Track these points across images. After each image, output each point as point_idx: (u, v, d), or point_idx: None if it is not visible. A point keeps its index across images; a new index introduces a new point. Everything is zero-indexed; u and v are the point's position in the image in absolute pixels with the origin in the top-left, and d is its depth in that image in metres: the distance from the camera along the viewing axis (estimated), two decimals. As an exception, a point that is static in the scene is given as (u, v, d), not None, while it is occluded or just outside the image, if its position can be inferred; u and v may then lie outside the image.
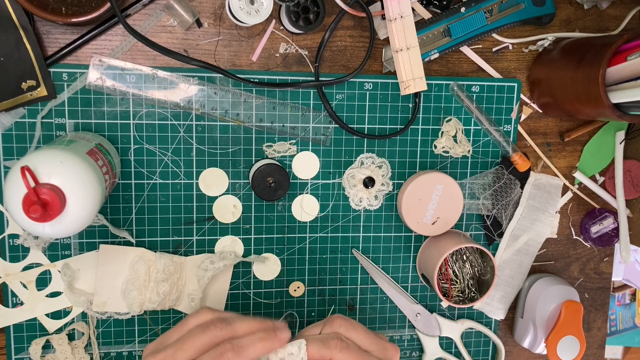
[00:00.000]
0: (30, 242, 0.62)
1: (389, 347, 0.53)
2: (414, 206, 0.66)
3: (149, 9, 0.60)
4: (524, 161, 0.69)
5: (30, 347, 0.63)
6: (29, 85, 0.58)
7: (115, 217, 0.63)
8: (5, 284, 0.62)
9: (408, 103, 0.67)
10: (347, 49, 0.65)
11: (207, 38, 0.62)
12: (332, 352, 0.49)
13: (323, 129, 0.66)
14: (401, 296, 0.71)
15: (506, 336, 0.77)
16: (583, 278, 0.78)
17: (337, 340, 0.50)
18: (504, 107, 0.70)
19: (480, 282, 0.70)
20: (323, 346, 0.49)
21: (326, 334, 0.51)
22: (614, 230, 0.74)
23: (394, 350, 0.53)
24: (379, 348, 0.52)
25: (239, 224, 0.66)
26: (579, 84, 0.61)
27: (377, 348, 0.52)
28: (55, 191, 0.46)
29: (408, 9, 0.62)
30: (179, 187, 0.64)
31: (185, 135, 0.63)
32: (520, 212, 0.72)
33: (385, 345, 0.53)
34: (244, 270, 0.67)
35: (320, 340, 0.50)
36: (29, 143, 0.60)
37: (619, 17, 0.71)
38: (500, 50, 0.69)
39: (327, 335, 0.51)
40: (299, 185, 0.67)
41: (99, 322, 0.65)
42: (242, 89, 0.63)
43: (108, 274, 0.63)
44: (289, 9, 0.60)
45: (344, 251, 0.70)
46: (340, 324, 0.52)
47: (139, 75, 0.61)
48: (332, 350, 0.49)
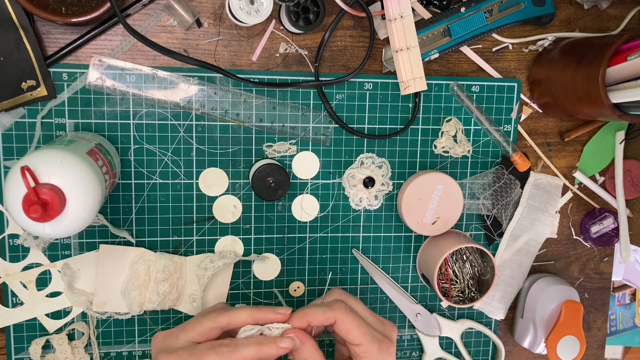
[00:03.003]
0: (30, 242, 0.62)
1: (387, 323, 0.54)
2: (414, 206, 0.66)
3: (149, 9, 0.60)
4: (524, 161, 0.69)
5: (30, 347, 0.63)
6: (29, 85, 0.58)
7: (115, 217, 0.63)
8: (5, 284, 0.62)
9: (408, 103, 0.67)
10: (347, 49, 0.65)
11: (207, 38, 0.62)
12: (335, 313, 0.50)
13: (323, 129, 0.66)
14: (401, 296, 0.71)
15: (506, 336, 0.77)
16: (583, 278, 0.78)
17: (341, 302, 0.51)
18: (504, 107, 0.70)
19: (480, 282, 0.70)
20: (327, 309, 0.50)
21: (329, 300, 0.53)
22: (614, 230, 0.74)
23: (391, 327, 0.54)
24: (378, 322, 0.53)
25: (239, 224, 0.66)
26: (579, 84, 0.61)
27: (375, 321, 0.53)
28: (55, 191, 0.46)
29: (408, 9, 0.62)
30: (179, 187, 0.64)
31: (185, 135, 0.63)
32: (520, 212, 0.72)
33: (383, 321, 0.54)
34: (244, 270, 0.67)
35: (324, 305, 0.51)
36: (29, 143, 0.60)
37: (619, 17, 0.71)
38: (500, 50, 0.69)
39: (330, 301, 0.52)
40: (299, 185, 0.67)
41: (99, 322, 0.65)
42: (242, 89, 0.63)
43: (108, 274, 0.63)
44: (289, 9, 0.60)
45: (344, 251, 0.70)
46: (340, 292, 0.54)
47: (139, 75, 0.61)
48: (336, 312, 0.50)
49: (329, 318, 0.50)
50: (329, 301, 0.52)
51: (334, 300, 0.52)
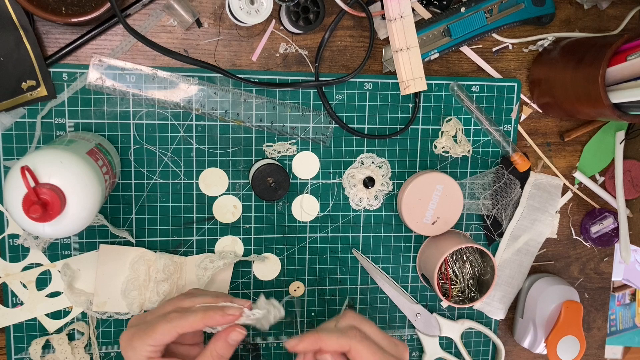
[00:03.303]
0: (30, 242, 0.62)
1: (399, 345, 0.54)
2: (414, 206, 0.66)
3: (149, 9, 0.60)
4: (524, 161, 0.69)
5: (30, 347, 0.63)
6: (29, 85, 0.58)
7: (115, 217, 0.63)
8: (5, 284, 0.62)
9: (408, 103, 0.67)
10: (347, 49, 0.65)
11: (207, 38, 0.62)
12: (351, 341, 0.50)
13: (323, 129, 0.66)
14: (401, 296, 0.71)
15: (506, 336, 0.77)
16: (583, 278, 0.78)
17: (356, 330, 0.51)
18: (504, 107, 0.70)
19: (480, 282, 0.70)
20: (342, 335, 0.50)
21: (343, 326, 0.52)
22: (614, 230, 0.74)
23: (403, 348, 0.55)
24: (391, 344, 0.53)
25: (239, 224, 0.66)
26: (579, 84, 0.61)
27: (388, 344, 0.53)
28: (55, 191, 0.46)
29: (408, 9, 0.62)
30: (179, 187, 0.64)
31: (185, 135, 0.63)
32: (520, 212, 0.72)
33: (395, 343, 0.54)
34: (244, 270, 0.67)
35: (338, 331, 0.51)
36: (29, 143, 0.60)
37: (619, 17, 0.71)
38: (500, 50, 0.69)
39: (344, 327, 0.52)
40: (299, 185, 0.67)
41: (99, 322, 0.65)
42: (242, 89, 0.63)
43: (108, 274, 0.63)
44: (289, 9, 0.60)
45: (344, 251, 0.70)
46: (354, 316, 0.54)
47: (139, 75, 0.61)
48: (351, 340, 0.50)
49: (343, 346, 0.50)
50: (343, 327, 0.52)
51: (347, 327, 0.52)
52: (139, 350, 0.50)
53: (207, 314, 0.51)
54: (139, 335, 0.51)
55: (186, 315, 0.51)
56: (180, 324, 0.50)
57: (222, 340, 0.51)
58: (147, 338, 0.50)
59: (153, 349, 0.50)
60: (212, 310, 0.51)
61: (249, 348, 0.69)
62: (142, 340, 0.50)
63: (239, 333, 0.51)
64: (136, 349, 0.50)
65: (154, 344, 0.50)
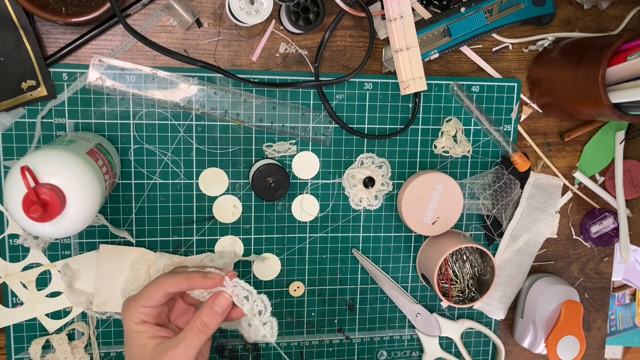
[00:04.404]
0: (30, 242, 0.62)
1: None
2: (414, 206, 0.66)
3: (149, 9, 0.60)
4: (524, 161, 0.69)
5: (30, 347, 0.63)
6: (29, 85, 0.58)
7: (115, 217, 0.63)
8: (5, 284, 0.62)
9: (408, 103, 0.67)
10: (347, 49, 0.65)
11: (207, 38, 0.62)
12: None
13: (323, 129, 0.66)
14: (401, 296, 0.71)
15: (506, 336, 0.77)
16: (583, 278, 0.78)
17: None
18: (504, 107, 0.70)
19: (480, 282, 0.70)
20: None
21: None
22: (614, 230, 0.74)
23: None
24: None
25: (239, 224, 0.66)
26: (579, 84, 0.61)
27: None
28: (55, 191, 0.46)
29: (408, 9, 0.62)
30: (179, 187, 0.64)
31: (185, 135, 0.63)
32: (520, 212, 0.72)
33: None
34: (244, 270, 0.67)
35: None
36: (29, 143, 0.60)
37: (619, 17, 0.71)
38: (500, 50, 0.69)
39: None
40: (299, 185, 0.67)
41: (99, 322, 0.65)
42: (242, 89, 0.63)
43: (108, 274, 0.63)
44: (289, 9, 0.60)
45: (344, 251, 0.70)
46: None
47: (139, 75, 0.61)
48: None
49: None
50: None
51: None
52: (133, 311, 0.54)
53: (190, 274, 0.54)
54: (133, 298, 0.55)
55: (172, 275, 0.55)
56: (165, 282, 0.54)
57: (207, 307, 0.53)
58: (139, 299, 0.54)
59: (145, 310, 0.54)
60: (195, 272, 0.55)
61: (249, 348, 0.69)
62: (135, 301, 0.54)
63: (224, 298, 0.54)
64: (131, 312, 0.54)
65: (144, 304, 0.54)
